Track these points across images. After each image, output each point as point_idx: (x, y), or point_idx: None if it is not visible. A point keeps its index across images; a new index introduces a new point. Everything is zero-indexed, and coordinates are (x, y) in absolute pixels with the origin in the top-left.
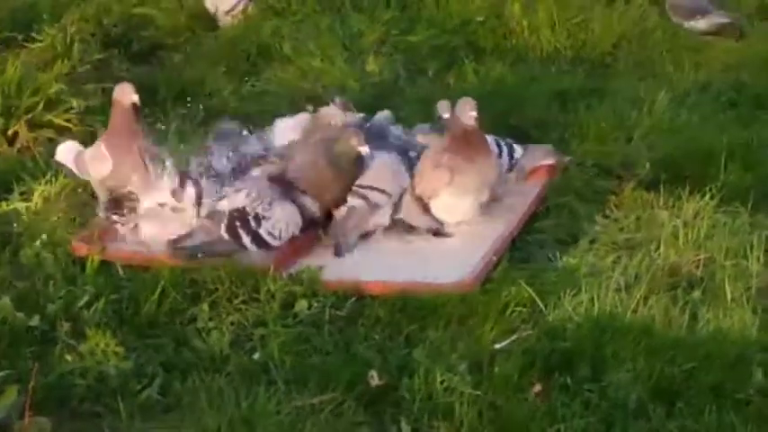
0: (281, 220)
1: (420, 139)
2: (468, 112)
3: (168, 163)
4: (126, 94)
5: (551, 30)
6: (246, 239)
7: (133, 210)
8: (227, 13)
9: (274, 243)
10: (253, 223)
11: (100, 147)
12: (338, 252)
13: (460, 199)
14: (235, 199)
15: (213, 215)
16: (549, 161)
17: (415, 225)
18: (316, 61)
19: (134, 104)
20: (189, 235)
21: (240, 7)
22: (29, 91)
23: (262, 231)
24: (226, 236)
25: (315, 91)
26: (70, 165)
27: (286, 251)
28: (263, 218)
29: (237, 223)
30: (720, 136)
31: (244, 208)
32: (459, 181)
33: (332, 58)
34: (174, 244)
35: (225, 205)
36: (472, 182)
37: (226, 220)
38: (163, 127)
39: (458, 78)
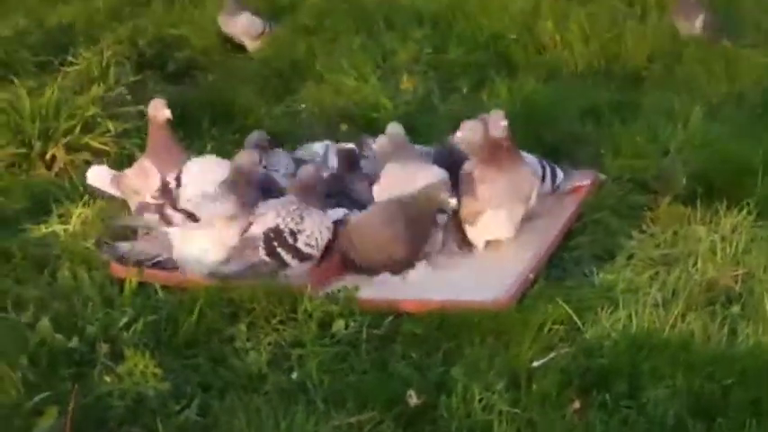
0: (315, 229)
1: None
2: (498, 123)
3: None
4: (159, 110)
5: (584, 44)
6: (287, 257)
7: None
8: (257, 37)
9: (314, 253)
10: (290, 239)
11: (144, 162)
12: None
13: (495, 211)
14: (265, 221)
15: (247, 242)
16: (587, 181)
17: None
18: (349, 80)
19: (168, 120)
20: (227, 261)
21: (268, 31)
22: (66, 114)
23: (300, 245)
24: (267, 258)
25: (349, 110)
26: (105, 188)
27: (322, 270)
28: (298, 231)
29: (275, 243)
30: (756, 149)
31: (277, 226)
32: (492, 192)
33: (365, 76)
34: (216, 273)
35: (257, 229)
36: (505, 192)
37: (263, 243)
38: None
39: (491, 95)
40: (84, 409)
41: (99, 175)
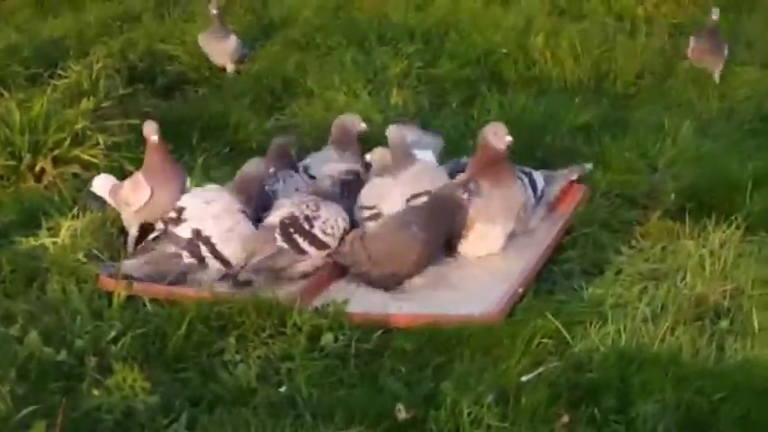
0: (331, 217)
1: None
2: (502, 137)
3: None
4: (150, 134)
5: (575, 60)
6: (305, 243)
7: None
8: (239, 62)
9: (331, 242)
10: (306, 225)
11: (138, 176)
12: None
13: (488, 228)
14: (281, 212)
15: (264, 232)
16: (572, 177)
17: None
18: (340, 95)
19: (158, 143)
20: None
21: (248, 57)
22: (55, 127)
23: (316, 231)
24: (284, 245)
25: None
26: (106, 196)
27: (312, 284)
28: (314, 218)
29: (291, 230)
30: (745, 164)
31: (292, 213)
32: (487, 206)
33: (356, 91)
34: (234, 275)
35: (273, 219)
36: (500, 207)
37: (279, 230)
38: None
39: (481, 110)
40: (72, 423)
41: (103, 185)
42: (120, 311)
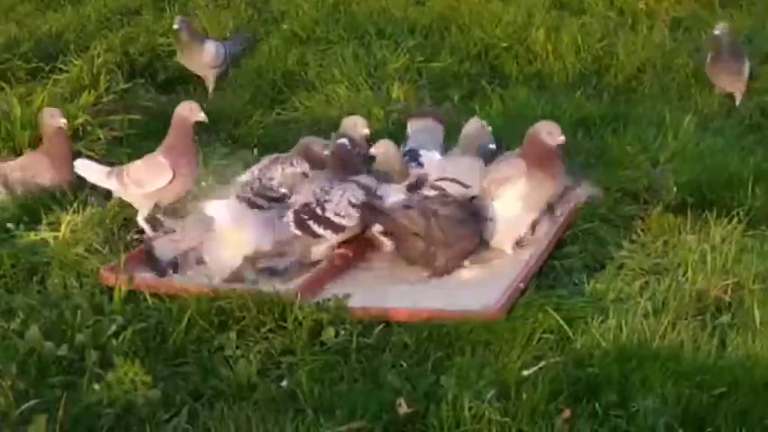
0: (343, 199)
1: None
2: (557, 137)
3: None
4: (193, 112)
5: (576, 55)
6: (319, 229)
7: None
8: (220, 66)
9: (346, 223)
10: (318, 210)
11: (158, 158)
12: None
13: (527, 212)
14: (297, 200)
15: (282, 226)
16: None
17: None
18: (341, 89)
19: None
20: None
21: (239, 51)
22: None
23: (329, 214)
24: (298, 232)
25: (341, 118)
26: (100, 182)
27: (313, 279)
28: (325, 201)
29: (304, 216)
30: (746, 160)
31: (304, 202)
32: (535, 195)
33: (357, 85)
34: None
35: (289, 214)
36: (543, 200)
37: (292, 219)
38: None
39: (482, 104)
40: (73, 418)
41: (89, 169)
42: (121, 306)
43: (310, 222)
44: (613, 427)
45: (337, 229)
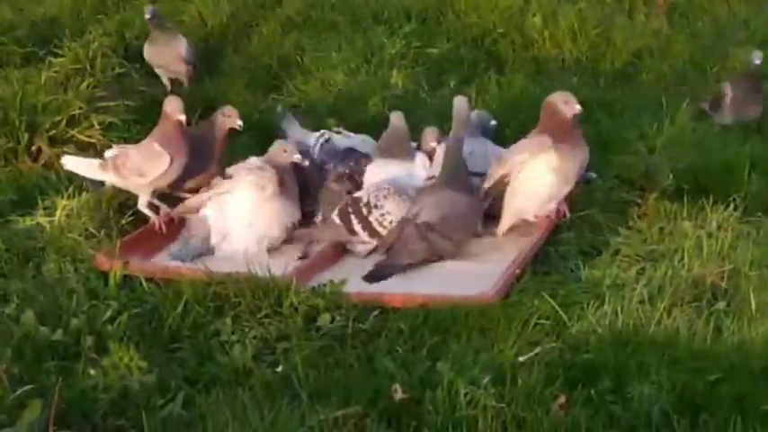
0: (392, 214)
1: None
2: (573, 105)
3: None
4: (174, 111)
5: (572, 41)
6: (358, 226)
7: None
8: (190, 64)
9: (381, 231)
10: (364, 210)
11: (153, 146)
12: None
13: (561, 186)
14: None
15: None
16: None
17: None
18: (338, 74)
19: (180, 121)
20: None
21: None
22: (51, 107)
23: (372, 219)
24: (337, 220)
25: (337, 104)
26: (92, 174)
27: (308, 264)
28: (375, 206)
29: (350, 209)
30: (743, 146)
31: (359, 196)
32: (567, 166)
33: (353, 70)
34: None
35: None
36: (575, 170)
37: (338, 208)
38: None
39: (480, 90)
40: (68, 402)
41: (78, 164)
42: (116, 291)
43: (352, 217)
44: (609, 412)
45: (373, 234)
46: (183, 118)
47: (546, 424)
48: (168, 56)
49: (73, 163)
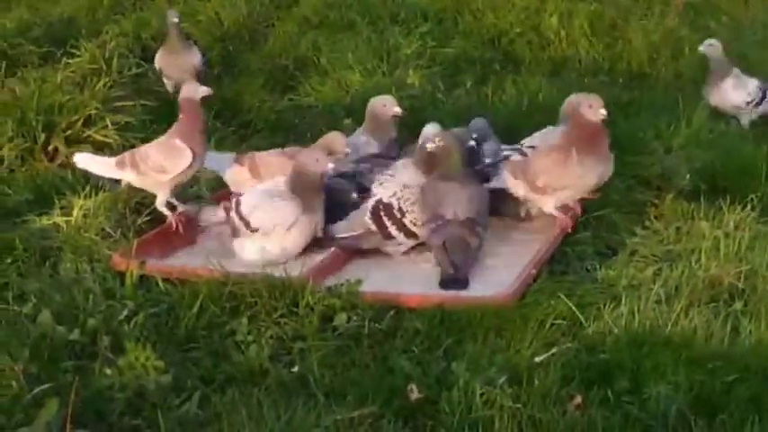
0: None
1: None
2: (599, 110)
3: None
4: (195, 91)
5: (588, 41)
6: (393, 228)
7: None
8: (200, 73)
9: (417, 232)
10: (397, 214)
11: (174, 142)
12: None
13: (577, 194)
14: (381, 194)
15: (360, 212)
16: None
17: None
18: (354, 74)
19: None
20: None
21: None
22: (68, 107)
23: (406, 222)
24: (371, 223)
25: (353, 104)
26: (108, 173)
27: (324, 264)
28: (407, 211)
29: (382, 213)
30: (760, 145)
31: (389, 202)
32: (586, 178)
33: (370, 70)
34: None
35: (371, 202)
36: (593, 181)
37: (370, 212)
38: None
39: (495, 90)
40: (84, 402)
41: (92, 162)
42: (132, 291)
43: (386, 221)
44: (625, 413)
45: (410, 234)
46: (205, 91)
47: (562, 424)
48: (182, 65)
49: (86, 161)
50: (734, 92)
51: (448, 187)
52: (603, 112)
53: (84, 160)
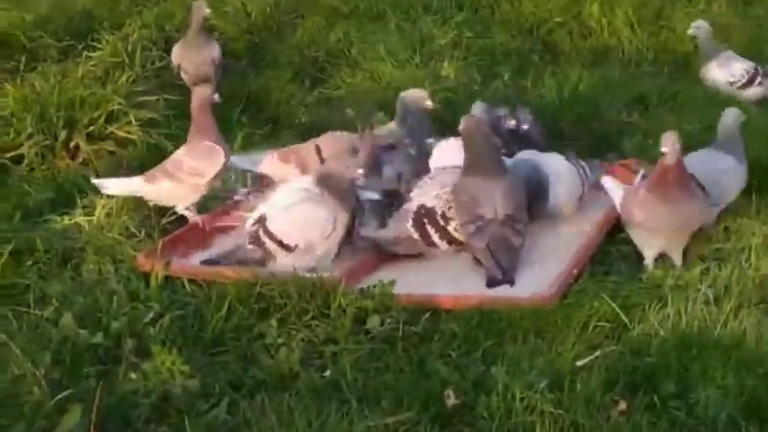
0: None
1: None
2: (675, 147)
3: None
4: (207, 96)
5: (631, 30)
6: (435, 236)
7: None
8: (219, 67)
9: (462, 239)
10: (441, 221)
11: (206, 143)
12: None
13: (647, 239)
14: (422, 198)
15: (401, 215)
16: None
17: None
18: (386, 66)
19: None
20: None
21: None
22: (90, 103)
23: (450, 229)
24: (414, 233)
25: (386, 97)
26: (141, 192)
27: (357, 264)
28: (451, 218)
29: (425, 220)
30: None
31: (432, 207)
32: (647, 220)
33: (403, 62)
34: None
35: (412, 205)
36: (662, 223)
37: (412, 217)
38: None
39: (534, 82)
40: (108, 408)
41: (119, 185)
42: (157, 293)
43: (429, 228)
44: (672, 419)
45: (453, 241)
46: (215, 97)
47: (606, 431)
48: (200, 60)
49: (112, 185)
50: (718, 71)
51: (481, 183)
52: (678, 146)
53: (107, 184)
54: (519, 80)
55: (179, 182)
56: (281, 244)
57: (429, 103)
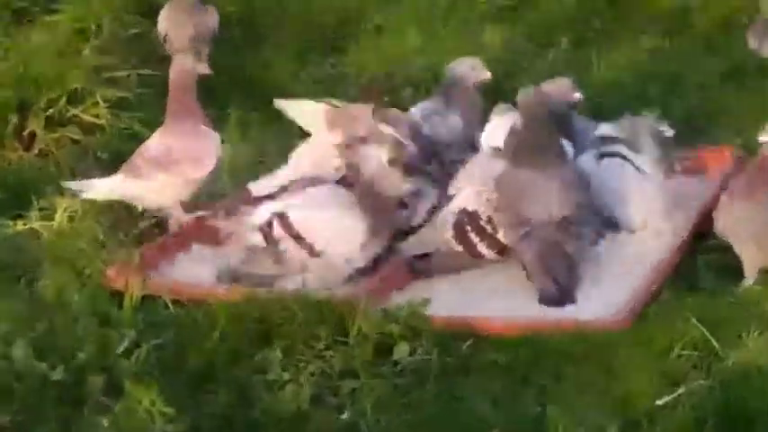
0: None
1: None
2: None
3: None
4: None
5: None
6: (481, 245)
7: None
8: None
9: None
10: (488, 228)
11: (200, 128)
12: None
13: (742, 250)
14: (462, 198)
15: (440, 219)
16: None
17: None
18: (411, 34)
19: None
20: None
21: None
22: (47, 81)
23: (500, 236)
24: (455, 243)
25: (413, 72)
26: (128, 190)
27: (382, 280)
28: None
29: (468, 227)
30: None
31: (474, 209)
32: (737, 226)
33: (433, 30)
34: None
35: (452, 207)
36: (749, 222)
37: (453, 226)
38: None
39: (599, 53)
40: None
41: (99, 187)
42: (133, 316)
43: (473, 237)
44: None
45: (503, 251)
46: (203, 68)
47: None
48: (194, 29)
49: (93, 188)
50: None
51: (533, 175)
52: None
53: (85, 187)
54: (580, 50)
55: (177, 175)
56: (301, 241)
57: (487, 74)
